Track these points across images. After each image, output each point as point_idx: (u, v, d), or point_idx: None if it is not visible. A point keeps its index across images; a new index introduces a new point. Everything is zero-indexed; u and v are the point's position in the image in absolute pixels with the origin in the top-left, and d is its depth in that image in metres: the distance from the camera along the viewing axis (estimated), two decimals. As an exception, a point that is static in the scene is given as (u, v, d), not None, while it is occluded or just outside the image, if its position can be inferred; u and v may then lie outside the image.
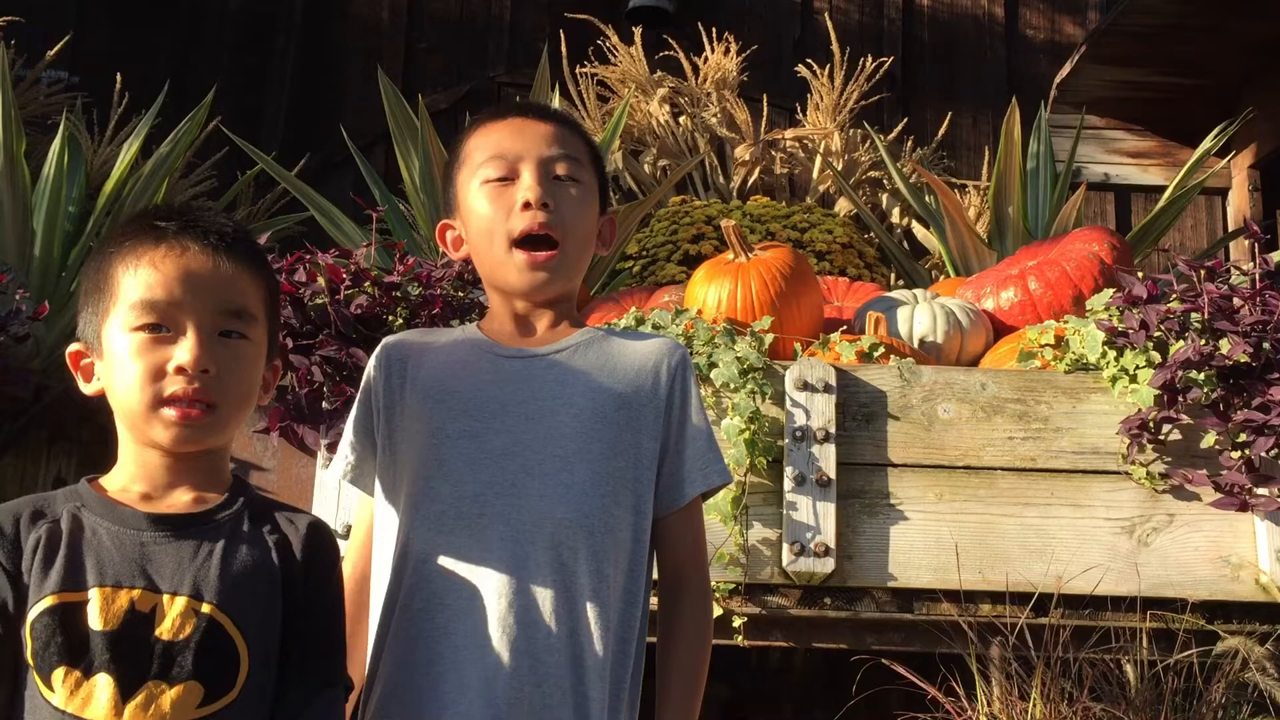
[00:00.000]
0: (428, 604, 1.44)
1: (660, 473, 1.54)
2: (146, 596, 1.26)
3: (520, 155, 1.55)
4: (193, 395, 1.31)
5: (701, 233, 3.92)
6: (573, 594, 1.43)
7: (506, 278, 1.56)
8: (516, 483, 1.46)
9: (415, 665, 1.43)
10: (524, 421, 1.50)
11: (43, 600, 1.23)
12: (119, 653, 1.23)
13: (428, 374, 1.55)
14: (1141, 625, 2.33)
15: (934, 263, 4.26)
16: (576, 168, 1.58)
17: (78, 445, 3.05)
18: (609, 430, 1.50)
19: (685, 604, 1.53)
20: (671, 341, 1.61)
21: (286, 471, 2.69)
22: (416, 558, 1.46)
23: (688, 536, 1.56)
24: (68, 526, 1.28)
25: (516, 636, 1.41)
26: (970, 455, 2.52)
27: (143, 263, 1.33)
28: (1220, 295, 2.51)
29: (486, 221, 1.55)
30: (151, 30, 5.16)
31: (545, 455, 1.48)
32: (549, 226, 1.53)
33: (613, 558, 1.47)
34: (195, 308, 1.33)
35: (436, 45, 5.25)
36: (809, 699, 3.20)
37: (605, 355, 1.56)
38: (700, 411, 1.58)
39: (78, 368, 1.39)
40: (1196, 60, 4.38)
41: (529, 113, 1.61)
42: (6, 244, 3.36)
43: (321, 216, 3.64)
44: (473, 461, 1.47)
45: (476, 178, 1.57)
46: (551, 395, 1.51)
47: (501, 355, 1.55)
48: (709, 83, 4.58)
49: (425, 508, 1.47)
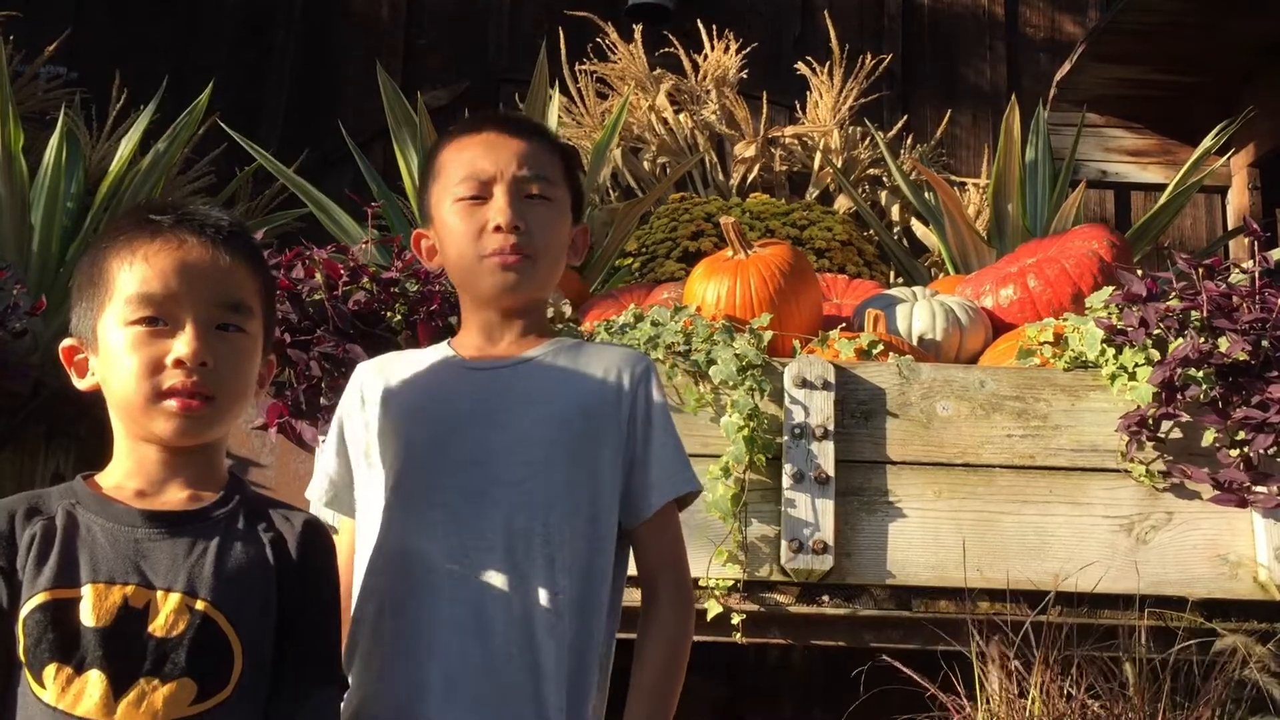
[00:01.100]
0: (394, 609, 1.47)
1: (628, 484, 1.55)
2: (140, 593, 1.25)
3: (493, 176, 1.57)
4: (192, 388, 1.31)
5: (701, 230, 3.91)
6: (528, 603, 1.45)
7: (478, 284, 1.58)
8: (483, 491, 1.48)
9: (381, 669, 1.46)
10: (490, 429, 1.52)
11: (35, 596, 1.23)
12: (111, 649, 1.22)
13: (398, 390, 1.59)
14: (1140, 623, 2.33)
15: (933, 260, 4.26)
16: (548, 186, 1.60)
17: (75, 441, 3.04)
18: (572, 438, 1.52)
19: (656, 610, 1.54)
20: (635, 352, 1.63)
21: (284, 467, 2.69)
22: (384, 565, 1.50)
23: (659, 545, 1.57)
24: (62, 523, 1.27)
25: (474, 645, 1.44)
26: (969, 453, 2.52)
27: (138, 257, 1.32)
28: (1219, 293, 2.51)
29: (458, 239, 1.58)
30: (150, 25, 5.15)
31: (511, 462, 1.50)
32: (520, 248, 1.55)
33: (568, 567, 1.48)
34: (192, 301, 1.32)
35: (436, 42, 5.24)
36: (807, 696, 3.20)
37: (572, 363, 1.58)
38: (666, 421, 1.58)
39: (71, 363, 1.38)
40: (1196, 58, 4.38)
41: (502, 127, 1.62)
42: (4, 239, 3.36)
43: (320, 212, 3.63)
44: (440, 470, 1.50)
45: (450, 195, 1.59)
46: (517, 402, 1.54)
47: (469, 367, 1.58)
48: (709, 80, 4.58)
49: (396, 517, 1.51)
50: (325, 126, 4.66)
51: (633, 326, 2.66)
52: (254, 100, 5.07)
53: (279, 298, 2.47)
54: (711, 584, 2.42)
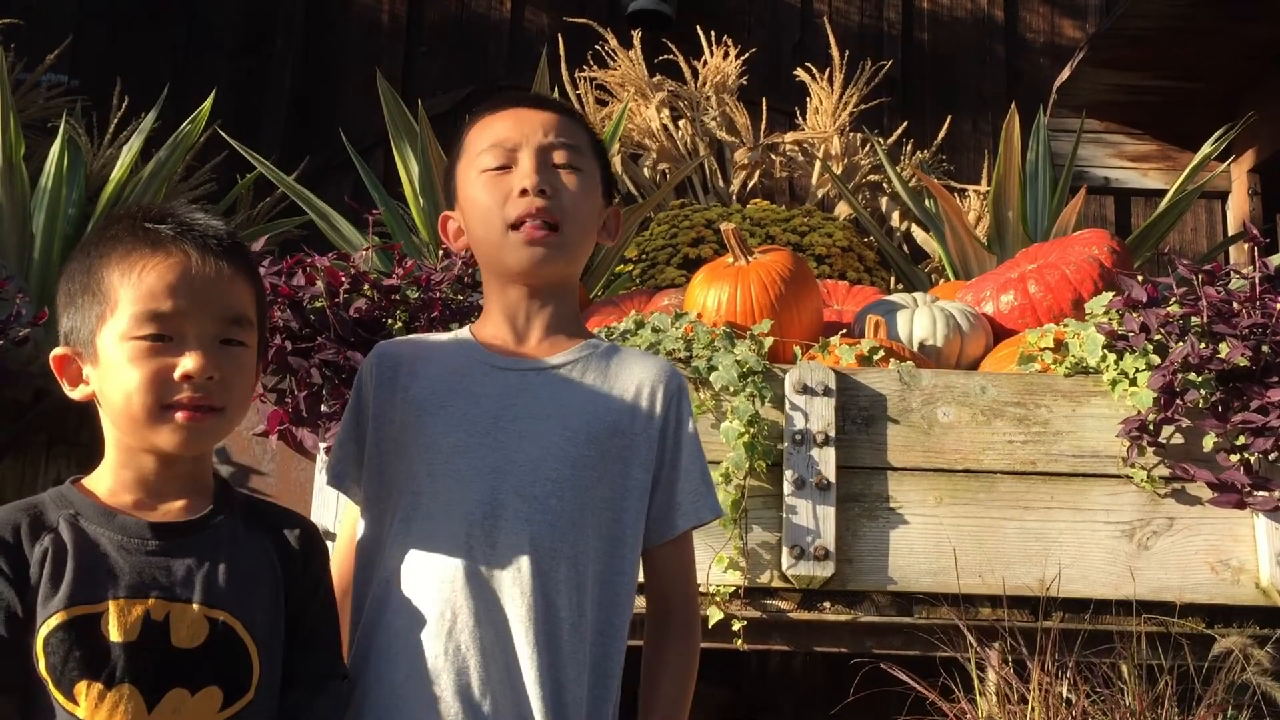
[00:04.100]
0: (410, 621, 1.42)
1: (651, 503, 1.52)
2: (160, 605, 1.27)
3: (518, 143, 1.53)
4: (199, 401, 1.31)
5: (701, 236, 3.92)
6: (553, 625, 1.41)
7: (505, 259, 1.53)
8: (506, 504, 1.43)
9: (394, 684, 1.42)
10: (517, 439, 1.46)
11: (55, 615, 1.23)
12: (140, 663, 1.24)
13: (421, 385, 1.52)
14: (1140, 629, 2.33)
15: (934, 266, 4.26)
16: (576, 155, 1.55)
17: (76, 448, 3.05)
18: (601, 457, 1.48)
19: (672, 637, 1.53)
20: (670, 367, 1.58)
21: (285, 475, 2.69)
22: (399, 573, 1.45)
23: (676, 567, 1.55)
24: (71, 538, 1.27)
25: (498, 668, 1.40)
26: (970, 459, 2.52)
27: (141, 270, 1.31)
28: (1220, 299, 2.51)
29: (484, 209, 1.53)
30: (151, 33, 5.16)
31: (536, 477, 1.45)
32: (547, 212, 1.51)
33: (590, 590, 1.45)
34: (198, 317, 1.32)
35: (436, 49, 5.25)
36: (809, 703, 3.19)
37: (603, 376, 1.53)
38: (695, 443, 1.55)
39: (63, 373, 1.37)
40: (1196, 64, 4.39)
41: (528, 103, 1.59)
42: (6, 247, 3.36)
43: (320, 220, 3.63)
44: (464, 478, 1.45)
45: (475, 167, 1.55)
46: (546, 414, 1.48)
47: (498, 367, 1.52)
48: (708, 86, 4.58)
49: (414, 523, 1.45)
50: (326, 134, 4.67)
51: (633, 333, 2.66)
52: (254, 108, 5.08)
53: (280, 305, 2.47)
54: (712, 590, 2.42)
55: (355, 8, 5.29)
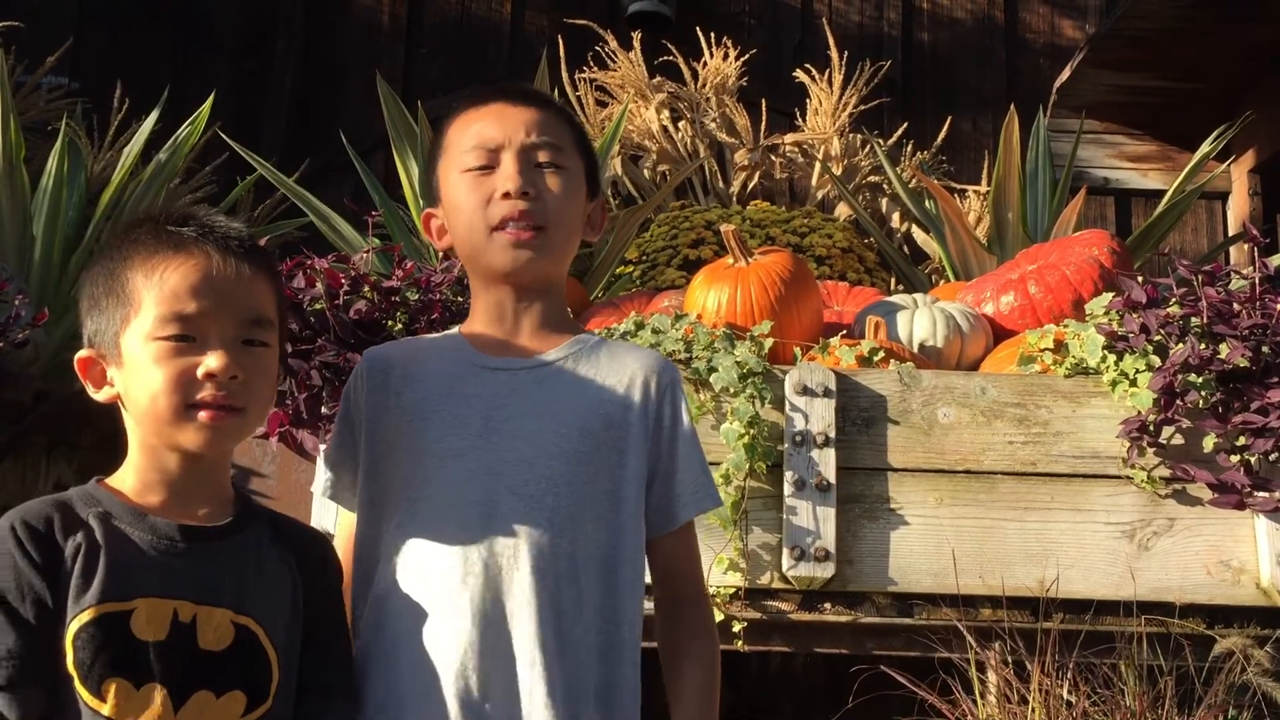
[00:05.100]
0: (411, 625, 1.42)
1: (650, 494, 1.52)
2: (187, 607, 1.28)
3: (501, 143, 1.52)
4: (223, 401, 1.32)
5: (701, 237, 3.92)
6: (555, 623, 1.41)
7: (489, 261, 1.52)
8: (502, 504, 1.43)
9: (396, 686, 1.41)
10: (510, 439, 1.46)
11: (86, 611, 1.24)
12: (168, 664, 1.25)
13: (413, 390, 1.51)
14: (1141, 630, 2.33)
15: (934, 267, 4.26)
16: (559, 154, 1.54)
17: (77, 450, 3.04)
18: (595, 451, 1.47)
19: (685, 624, 1.53)
20: (662, 358, 1.57)
21: (286, 477, 2.69)
22: (398, 576, 1.44)
23: (682, 555, 1.56)
24: (104, 536, 1.28)
25: (499, 670, 1.39)
26: (970, 460, 2.52)
27: (168, 272, 1.33)
28: (1220, 299, 2.51)
29: (467, 211, 1.52)
30: (151, 35, 5.16)
31: (532, 476, 1.44)
32: (530, 214, 1.50)
33: (592, 582, 1.44)
34: (221, 317, 1.34)
35: (436, 50, 5.25)
36: (809, 704, 3.19)
37: (594, 369, 1.53)
38: (692, 433, 1.55)
39: (87, 375, 1.39)
40: (1196, 65, 4.39)
41: (511, 97, 1.57)
42: (6, 249, 3.36)
43: (321, 222, 3.64)
44: (459, 482, 1.44)
45: (457, 166, 1.54)
46: (538, 412, 1.48)
47: (488, 368, 1.51)
48: (708, 88, 4.58)
49: (410, 527, 1.45)
50: (326, 136, 4.66)
51: (633, 334, 2.66)
52: (255, 110, 5.08)
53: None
54: (713, 592, 2.42)
55: (355, 9, 5.29)
